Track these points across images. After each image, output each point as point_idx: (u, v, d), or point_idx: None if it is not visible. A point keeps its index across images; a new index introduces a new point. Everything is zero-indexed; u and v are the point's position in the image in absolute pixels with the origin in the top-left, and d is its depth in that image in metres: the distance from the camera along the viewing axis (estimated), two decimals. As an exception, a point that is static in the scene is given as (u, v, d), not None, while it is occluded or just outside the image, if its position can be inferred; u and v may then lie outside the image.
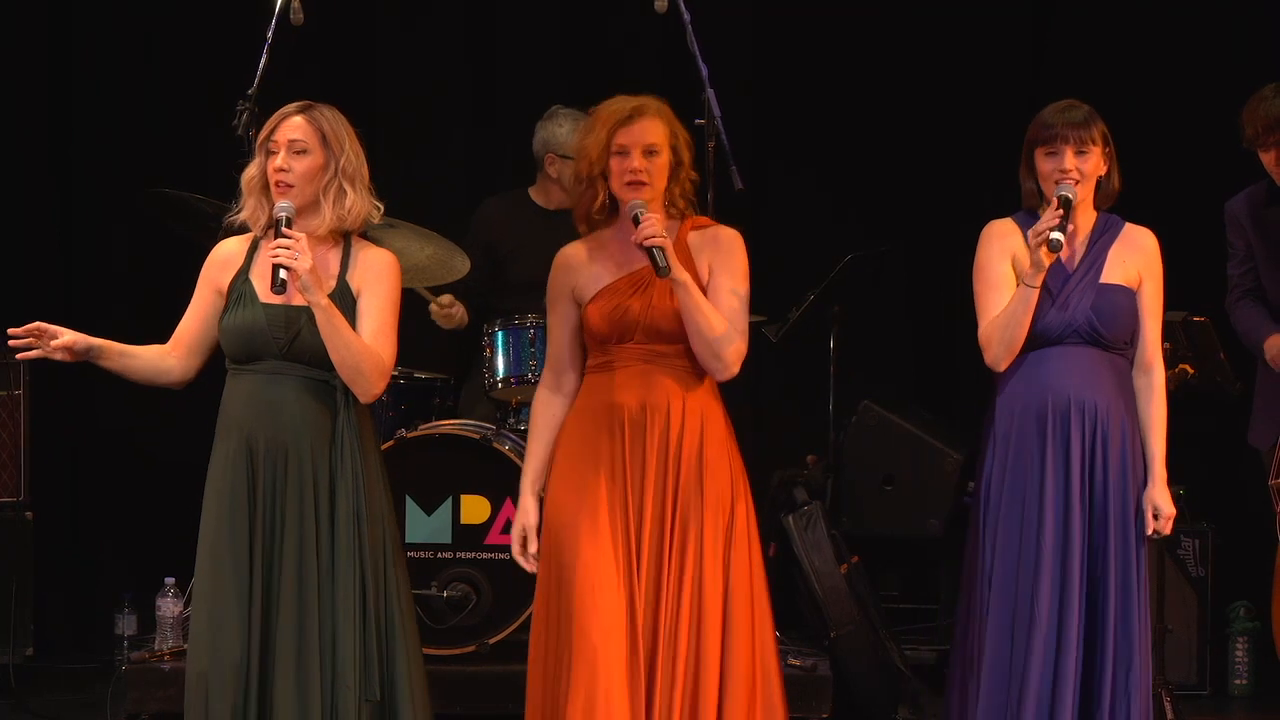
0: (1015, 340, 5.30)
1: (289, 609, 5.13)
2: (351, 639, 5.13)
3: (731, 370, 5.24)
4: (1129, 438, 5.35)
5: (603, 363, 5.30)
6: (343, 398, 5.20)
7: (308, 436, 5.18)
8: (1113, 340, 5.34)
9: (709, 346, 5.20)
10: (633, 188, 5.24)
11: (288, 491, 5.16)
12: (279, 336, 5.18)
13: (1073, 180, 5.31)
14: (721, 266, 5.29)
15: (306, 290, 5.09)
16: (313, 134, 5.21)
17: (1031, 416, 5.32)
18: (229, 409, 5.24)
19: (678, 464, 5.22)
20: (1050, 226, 5.21)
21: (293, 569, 5.14)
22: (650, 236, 5.13)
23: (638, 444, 5.22)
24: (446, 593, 6.51)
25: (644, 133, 5.26)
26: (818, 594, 6.69)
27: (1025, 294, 5.27)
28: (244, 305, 5.22)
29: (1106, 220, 5.42)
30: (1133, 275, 5.37)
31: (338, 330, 5.13)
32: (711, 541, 5.21)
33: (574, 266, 5.35)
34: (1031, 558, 5.28)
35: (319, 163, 5.22)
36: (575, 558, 5.18)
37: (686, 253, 5.29)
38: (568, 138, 7.25)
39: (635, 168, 5.24)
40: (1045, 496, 5.29)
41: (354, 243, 5.29)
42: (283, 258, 5.06)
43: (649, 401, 5.22)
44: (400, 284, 5.30)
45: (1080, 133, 5.32)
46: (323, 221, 5.22)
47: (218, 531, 5.17)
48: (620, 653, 5.14)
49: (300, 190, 5.20)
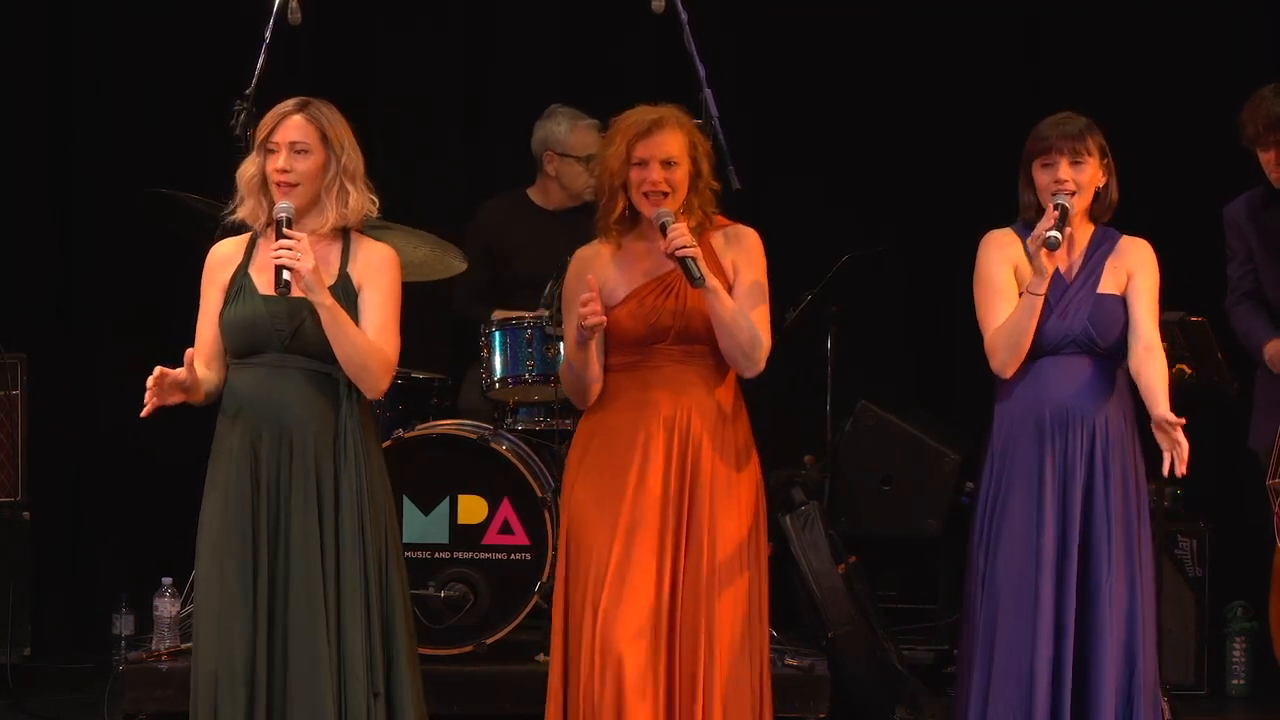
0: (1021, 347, 5.33)
1: (297, 603, 5.13)
2: (359, 632, 5.13)
3: (760, 368, 5.35)
4: (1128, 446, 5.39)
5: (630, 363, 5.34)
6: (345, 390, 5.20)
7: (311, 429, 5.18)
8: (1110, 350, 5.38)
9: (740, 349, 5.30)
10: (652, 199, 5.30)
11: (293, 484, 5.16)
12: (281, 329, 5.18)
13: (1069, 191, 5.34)
14: (745, 265, 5.38)
15: (310, 290, 5.09)
16: (313, 133, 5.21)
17: (1031, 425, 5.37)
18: (231, 403, 5.24)
19: (712, 461, 5.29)
20: (1047, 229, 5.25)
21: (299, 563, 5.14)
22: (682, 247, 5.19)
23: (674, 442, 5.28)
24: (444, 593, 6.51)
25: (663, 145, 5.31)
26: (815, 594, 6.69)
27: (1030, 302, 5.31)
28: (244, 299, 5.22)
29: (1104, 233, 5.47)
30: (1124, 284, 5.40)
31: (342, 328, 5.13)
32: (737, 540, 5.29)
33: (595, 269, 5.37)
34: (1031, 567, 5.31)
35: (320, 162, 5.22)
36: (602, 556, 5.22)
37: (712, 254, 5.36)
38: (566, 136, 7.26)
39: (654, 179, 5.30)
40: (1045, 505, 5.33)
41: (353, 237, 5.29)
42: (285, 259, 5.06)
43: (682, 401, 5.30)
44: (401, 278, 5.31)
45: (1075, 144, 5.36)
46: (326, 220, 5.23)
47: (221, 526, 5.17)
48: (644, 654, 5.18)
49: (303, 190, 5.21)
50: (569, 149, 7.29)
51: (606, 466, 5.31)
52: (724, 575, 5.27)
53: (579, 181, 7.23)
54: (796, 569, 6.70)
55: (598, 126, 7.29)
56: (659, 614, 5.21)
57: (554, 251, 6.67)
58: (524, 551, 6.54)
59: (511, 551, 6.55)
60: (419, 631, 6.36)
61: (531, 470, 6.56)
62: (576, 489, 5.36)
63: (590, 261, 5.39)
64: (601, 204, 5.39)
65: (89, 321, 8.04)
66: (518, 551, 6.55)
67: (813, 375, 7.56)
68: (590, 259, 5.40)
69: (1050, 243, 5.24)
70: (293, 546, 5.15)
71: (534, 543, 6.53)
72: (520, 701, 5.96)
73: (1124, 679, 5.32)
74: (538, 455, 6.69)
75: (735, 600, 5.28)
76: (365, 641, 5.15)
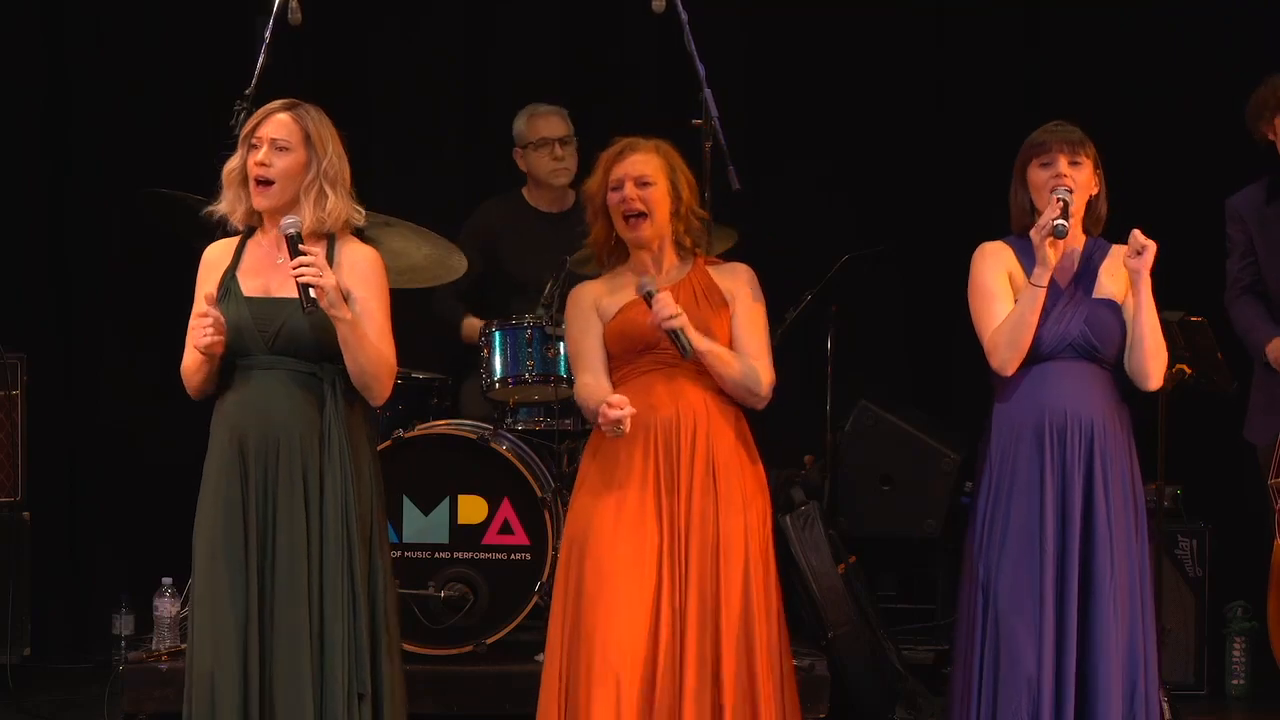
0: (1023, 343, 5.35)
1: (282, 604, 5.14)
2: (340, 632, 5.13)
3: (765, 402, 5.45)
4: (1126, 451, 5.41)
5: (629, 372, 5.40)
6: (330, 390, 5.20)
7: (297, 430, 5.18)
8: (1106, 354, 5.40)
9: (741, 388, 5.40)
10: (631, 221, 5.39)
11: (279, 485, 5.16)
12: (265, 330, 5.18)
13: (1067, 186, 5.35)
14: (744, 298, 5.46)
15: (334, 306, 5.10)
16: (296, 132, 5.22)
17: (1029, 431, 5.38)
18: (221, 406, 5.25)
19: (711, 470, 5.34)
20: (1053, 217, 5.28)
21: (285, 563, 5.15)
22: (668, 319, 5.27)
23: (671, 452, 5.32)
24: (444, 593, 6.51)
25: (635, 165, 5.41)
26: (815, 594, 6.68)
27: (1033, 294, 5.32)
28: (230, 302, 5.22)
29: (1095, 243, 5.49)
30: (1120, 289, 5.41)
31: (360, 342, 5.15)
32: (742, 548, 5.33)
33: (596, 295, 5.47)
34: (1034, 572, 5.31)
35: (300, 161, 5.22)
36: (599, 571, 5.27)
37: (713, 286, 5.45)
38: (523, 127, 7.37)
39: (628, 196, 5.38)
40: (1045, 510, 5.34)
41: (337, 241, 5.28)
42: (308, 275, 5.08)
43: (680, 409, 5.35)
44: (387, 279, 5.31)
45: (1073, 144, 5.40)
46: (320, 224, 5.22)
47: (213, 528, 5.18)
48: (638, 674, 5.22)
49: (280, 188, 5.21)
50: (526, 137, 7.34)
51: (605, 479, 5.34)
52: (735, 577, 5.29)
53: (542, 167, 7.27)
54: (796, 569, 6.70)
55: (555, 111, 7.32)
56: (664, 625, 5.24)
57: (550, 253, 6.68)
58: (524, 551, 6.54)
59: (511, 551, 6.55)
60: (419, 631, 6.40)
61: (531, 470, 6.56)
62: (579, 500, 5.40)
63: (587, 296, 5.49)
64: (592, 233, 5.50)
65: (88, 322, 8.04)
66: (518, 551, 6.55)
67: (813, 375, 7.56)
68: (587, 293, 5.50)
69: (1058, 230, 5.27)
70: (279, 547, 5.15)
71: (534, 543, 6.53)
72: (520, 701, 5.94)
73: (1127, 683, 5.32)
74: (538, 455, 6.69)
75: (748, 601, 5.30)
76: (349, 641, 5.14)
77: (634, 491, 5.31)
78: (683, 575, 5.29)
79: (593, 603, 5.27)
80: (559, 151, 7.28)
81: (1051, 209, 5.31)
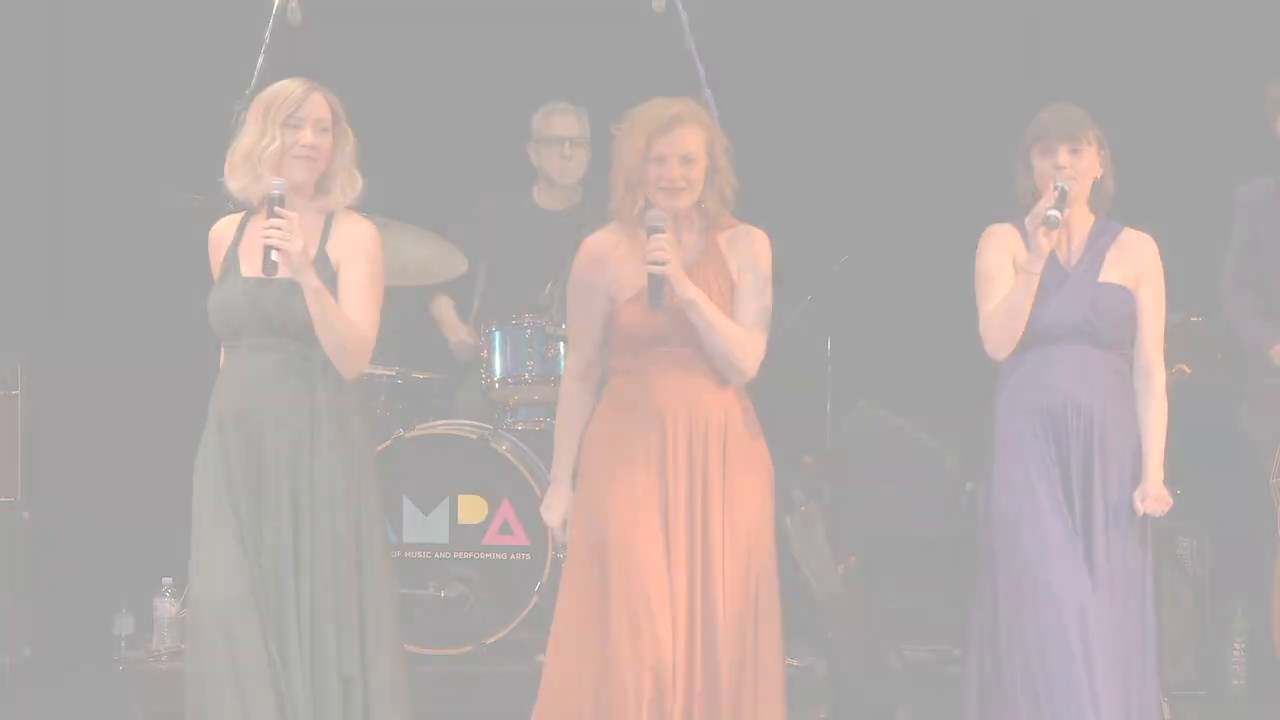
0: (1015, 329, 5.34)
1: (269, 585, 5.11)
2: (326, 614, 5.12)
3: (749, 375, 5.33)
4: (1128, 437, 5.40)
5: (635, 367, 5.31)
6: (322, 372, 5.19)
7: (286, 411, 5.17)
8: (1110, 339, 5.39)
9: (725, 358, 5.27)
10: (669, 194, 5.27)
11: (264, 466, 5.14)
12: (257, 310, 5.17)
13: (1068, 176, 5.35)
14: (750, 266, 5.36)
15: (298, 271, 5.08)
16: (330, 114, 5.25)
17: (1032, 416, 5.37)
18: (216, 388, 5.26)
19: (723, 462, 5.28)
20: (1047, 207, 5.28)
21: (270, 545, 5.13)
22: (655, 262, 5.16)
23: (682, 443, 5.25)
24: (444, 593, 6.51)
25: (682, 141, 5.28)
26: (815, 594, 6.68)
27: (1026, 280, 5.33)
28: (226, 280, 5.22)
29: (1105, 224, 5.48)
30: (1130, 277, 5.42)
31: (326, 311, 5.12)
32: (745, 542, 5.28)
33: (608, 261, 5.34)
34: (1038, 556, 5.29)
35: (337, 142, 5.25)
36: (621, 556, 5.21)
37: (718, 254, 5.35)
38: (539, 123, 7.38)
39: (672, 175, 5.26)
40: (1050, 495, 5.32)
41: (335, 215, 5.28)
42: (274, 239, 5.06)
43: (691, 400, 5.26)
44: (381, 254, 5.28)
45: (1074, 131, 5.40)
46: (334, 202, 5.23)
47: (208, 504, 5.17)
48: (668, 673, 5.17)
49: (319, 167, 5.22)
50: (540, 133, 7.34)
51: (615, 467, 5.28)
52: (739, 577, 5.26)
53: (550, 164, 7.27)
54: (796, 569, 6.70)
55: (571, 110, 7.32)
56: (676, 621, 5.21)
57: (549, 252, 6.68)
58: (524, 551, 6.54)
59: (511, 551, 6.55)
60: (419, 631, 6.39)
61: (531, 470, 6.55)
62: (590, 489, 5.34)
63: (602, 255, 5.34)
64: (619, 199, 5.32)
65: (87, 322, 8.04)
66: (518, 551, 6.55)
67: (812, 375, 7.56)
68: (603, 251, 5.35)
69: (1050, 221, 5.27)
70: (266, 520, 5.13)
71: (534, 543, 6.53)
72: (520, 701, 5.93)
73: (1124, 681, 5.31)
74: (538, 455, 6.68)
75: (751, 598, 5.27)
76: (334, 621, 5.12)
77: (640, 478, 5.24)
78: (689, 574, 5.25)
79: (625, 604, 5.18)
80: (568, 151, 7.29)
81: (1047, 198, 5.32)
